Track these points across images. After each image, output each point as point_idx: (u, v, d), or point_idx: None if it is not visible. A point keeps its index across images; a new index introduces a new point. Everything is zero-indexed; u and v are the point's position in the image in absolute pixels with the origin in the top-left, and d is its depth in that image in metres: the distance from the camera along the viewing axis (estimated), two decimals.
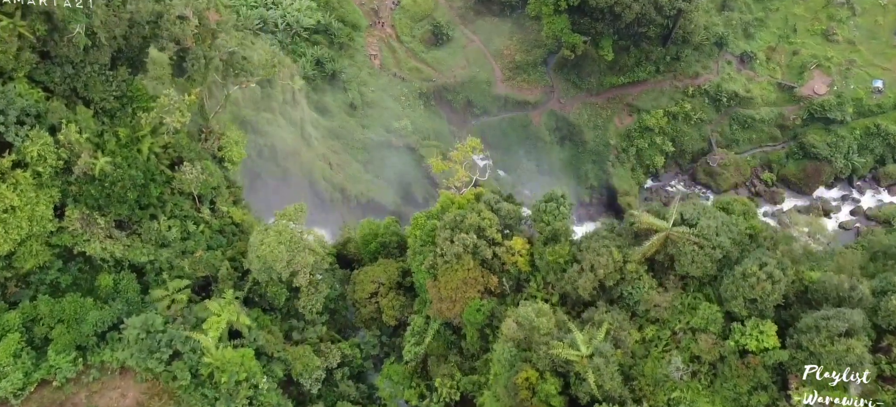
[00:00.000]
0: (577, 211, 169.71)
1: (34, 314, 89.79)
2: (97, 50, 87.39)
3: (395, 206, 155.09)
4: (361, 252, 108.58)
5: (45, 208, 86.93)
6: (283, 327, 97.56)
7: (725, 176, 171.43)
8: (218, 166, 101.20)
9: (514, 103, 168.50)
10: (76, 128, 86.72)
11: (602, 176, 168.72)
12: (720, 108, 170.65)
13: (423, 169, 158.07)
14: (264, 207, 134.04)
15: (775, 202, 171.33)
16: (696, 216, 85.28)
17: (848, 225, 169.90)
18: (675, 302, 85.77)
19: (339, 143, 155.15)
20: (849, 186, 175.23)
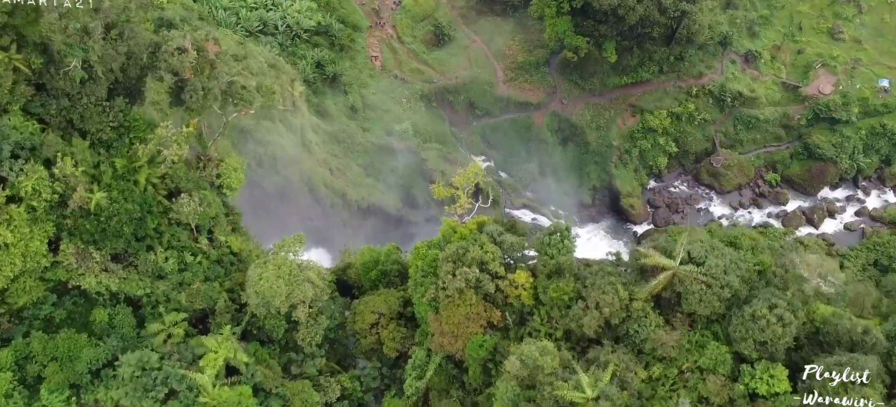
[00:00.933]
0: (579, 212, 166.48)
1: (27, 352, 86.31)
2: (94, 83, 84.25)
3: (397, 209, 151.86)
4: (362, 279, 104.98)
5: (39, 244, 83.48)
6: (282, 360, 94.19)
7: (729, 177, 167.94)
8: (217, 193, 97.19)
9: (517, 104, 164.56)
10: (72, 161, 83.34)
11: (605, 177, 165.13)
12: (724, 108, 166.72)
13: (424, 172, 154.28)
14: (263, 217, 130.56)
15: (779, 203, 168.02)
16: (703, 254, 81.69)
17: (853, 226, 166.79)
18: (683, 341, 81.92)
19: (340, 148, 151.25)
20: (854, 187, 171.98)
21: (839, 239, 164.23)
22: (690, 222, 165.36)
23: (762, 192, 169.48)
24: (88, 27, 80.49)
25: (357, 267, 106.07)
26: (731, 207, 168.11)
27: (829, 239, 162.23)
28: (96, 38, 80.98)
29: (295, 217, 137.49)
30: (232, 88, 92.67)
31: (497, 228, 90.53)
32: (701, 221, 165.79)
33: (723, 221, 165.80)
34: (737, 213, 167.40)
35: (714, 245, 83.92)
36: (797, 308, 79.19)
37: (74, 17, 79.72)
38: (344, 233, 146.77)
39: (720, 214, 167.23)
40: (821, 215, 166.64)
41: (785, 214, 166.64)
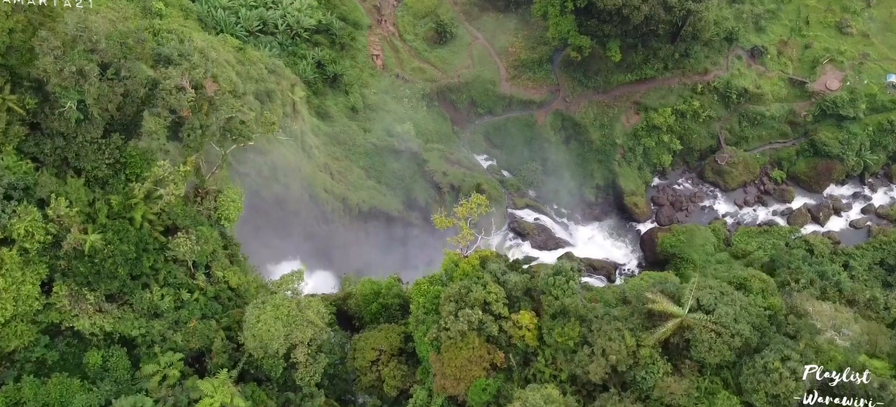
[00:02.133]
0: (581, 210, 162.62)
1: (18, 398, 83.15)
2: (89, 123, 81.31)
3: (398, 211, 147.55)
4: (363, 311, 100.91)
5: (31, 288, 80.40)
6: (280, 400, 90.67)
7: (734, 174, 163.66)
8: (214, 226, 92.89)
9: (519, 103, 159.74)
10: (66, 201, 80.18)
11: (608, 175, 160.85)
12: (729, 105, 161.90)
13: (426, 173, 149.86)
14: (264, 226, 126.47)
15: (785, 201, 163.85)
16: (712, 302, 77.81)
17: (859, 224, 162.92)
18: (691, 389, 77.74)
19: (341, 150, 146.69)
20: (860, 184, 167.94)
21: (845, 237, 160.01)
22: (694, 220, 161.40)
23: (767, 190, 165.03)
24: (84, 70, 77.04)
25: (357, 298, 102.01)
26: (736, 204, 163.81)
27: (835, 237, 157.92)
28: (92, 81, 77.56)
29: (295, 225, 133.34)
30: (230, 124, 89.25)
31: (500, 266, 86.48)
32: (705, 219, 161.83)
33: (727, 219, 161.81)
34: (741, 210, 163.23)
35: (724, 290, 79.84)
36: (811, 360, 74.93)
37: (70, 59, 76.52)
38: (345, 237, 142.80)
39: (724, 212, 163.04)
40: (826, 213, 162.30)
41: (790, 211, 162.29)
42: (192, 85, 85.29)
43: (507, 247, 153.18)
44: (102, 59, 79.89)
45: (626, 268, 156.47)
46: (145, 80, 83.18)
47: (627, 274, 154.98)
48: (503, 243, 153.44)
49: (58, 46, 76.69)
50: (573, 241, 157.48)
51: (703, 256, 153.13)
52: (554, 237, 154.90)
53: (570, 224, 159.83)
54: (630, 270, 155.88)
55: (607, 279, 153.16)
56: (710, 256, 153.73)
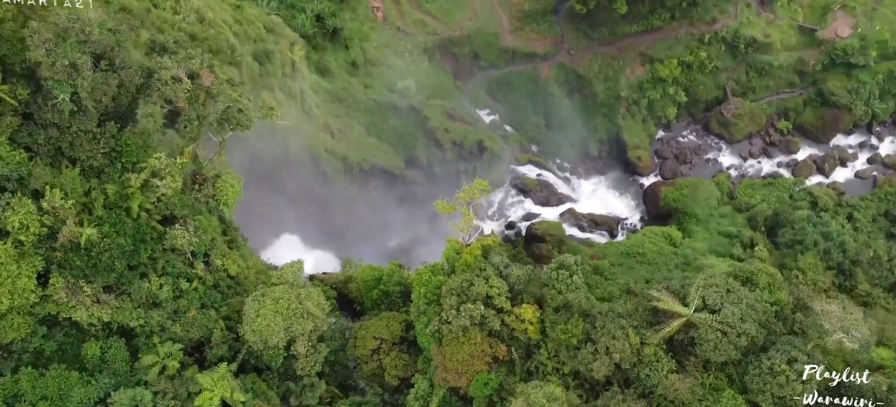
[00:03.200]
0: (584, 164, 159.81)
1: (15, 390, 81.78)
2: (83, 114, 78.23)
3: (399, 169, 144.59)
4: (364, 297, 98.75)
5: (27, 281, 77.98)
6: (280, 389, 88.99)
7: (740, 126, 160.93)
8: (213, 211, 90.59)
9: (523, 55, 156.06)
10: (61, 192, 77.64)
11: (612, 129, 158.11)
12: (737, 55, 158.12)
13: (427, 130, 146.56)
14: (265, 190, 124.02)
15: (790, 152, 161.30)
16: (719, 302, 75.55)
17: (864, 174, 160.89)
18: (696, 387, 75.97)
19: (341, 107, 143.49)
20: (867, 133, 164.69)
21: (850, 188, 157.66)
22: (698, 173, 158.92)
23: (773, 141, 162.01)
24: (77, 63, 73.94)
25: (358, 283, 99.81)
26: (741, 156, 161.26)
27: (839, 188, 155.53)
28: (85, 73, 74.51)
29: (295, 190, 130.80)
30: (228, 113, 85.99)
31: (502, 259, 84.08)
32: (709, 171, 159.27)
33: (731, 171, 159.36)
34: (746, 163, 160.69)
35: (730, 287, 77.61)
36: (818, 361, 72.93)
37: (63, 52, 73.49)
38: (345, 195, 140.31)
39: (729, 164, 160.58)
40: (832, 164, 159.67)
41: (795, 163, 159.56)
42: (188, 75, 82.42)
43: (509, 204, 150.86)
44: (95, 51, 76.84)
45: (629, 222, 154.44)
46: (140, 70, 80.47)
47: (630, 229, 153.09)
48: (505, 200, 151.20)
49: (49, 38, 73.61)
50: (576, 196, 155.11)
51: (707, 210, 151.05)
52: (556, 193, 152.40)
53: (572, 179, 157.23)
54: (632, 225, 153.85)
55: (609, 234, 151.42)
56: (714, 209, 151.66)
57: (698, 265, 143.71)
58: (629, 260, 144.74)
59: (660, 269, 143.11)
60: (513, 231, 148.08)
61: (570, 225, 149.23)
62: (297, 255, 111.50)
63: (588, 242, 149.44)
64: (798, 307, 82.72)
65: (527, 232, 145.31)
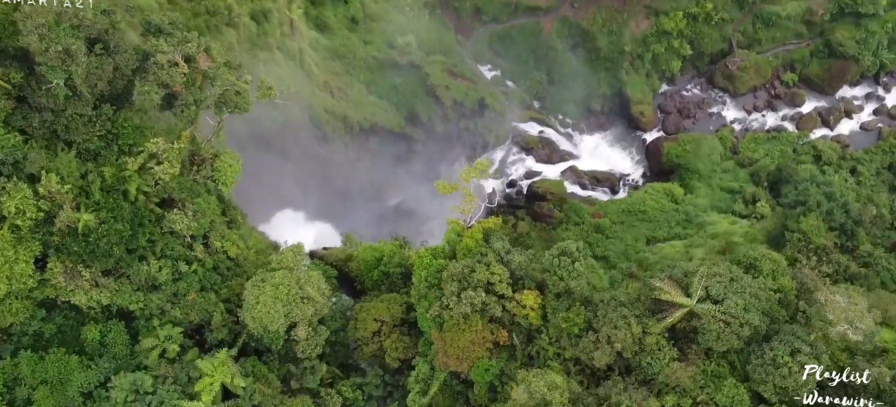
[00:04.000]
0: (587, 120, 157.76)
1: (15, 374, 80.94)
2: (78, 99, 76.62)
3: (400, 127, 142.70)
4: (364, 277, 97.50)
5: (24, 266, 77.03)
6: (281, 371, 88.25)
7: (744, 79, 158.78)
8: (212, 192, 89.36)
9: (525, 9, 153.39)
10: (57, 177, 76.10)
11: (615, 84, 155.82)
12: (744, 6, 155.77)
13: (428, 87, 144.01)
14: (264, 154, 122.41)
15: (795, 105, 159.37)
16: (722, 292, 74.02)
17: (870, 125, 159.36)
18: (698, 375, 75.27)
19: (340, 64, 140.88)
20: (874, 83, 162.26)
21: (855, 140, 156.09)
22: (702, 128, 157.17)
23: (778, 94, 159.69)
24: (71, 49, 72.00)
25: (358, 262, 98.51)
26: (745, 110, 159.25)
27: (844, 141, 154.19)
28: (79, 60, 72.70)
29: (295, 151, 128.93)
30: (226, 96, 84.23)
31: (504, 244, 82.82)
32: (713, 126, 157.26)
33: (735, 125, 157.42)
34: (750, 116, 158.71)
35: (734, 276, 76.25)
36: (821, 353, 72.05)
37: (56, 38, 71.56)
38: (346, 154, 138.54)
39: (733, 118, 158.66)
40: (837, 116, 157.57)
41: (800, 116, 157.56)
42: (184, 58, 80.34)
43: (511, 161, 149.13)
44: (89, 35, 75.09)
45: (631, 179, 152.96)
46: (136, 53, 78.84)
47: (631, 185, 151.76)
48: (506, 158, 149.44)
49: (42, 24, 71.53)
50: (577, 152, 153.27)
51: (709, 166, 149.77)
52: (558, 150, 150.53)
53: (574, 134, 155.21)
54: (634, 181, 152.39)
55: (611, 191, 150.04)
56: (716, 165, 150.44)
57: (700, 222, 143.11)
58: (630, 217, 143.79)
59: (661, 226, 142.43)
60: (514, 189, 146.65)
61: (572, 182, 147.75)
62: (297, 229, 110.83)
63: (589, 199, 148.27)
64: (802, 292, 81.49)
65: (528, 190, 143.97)
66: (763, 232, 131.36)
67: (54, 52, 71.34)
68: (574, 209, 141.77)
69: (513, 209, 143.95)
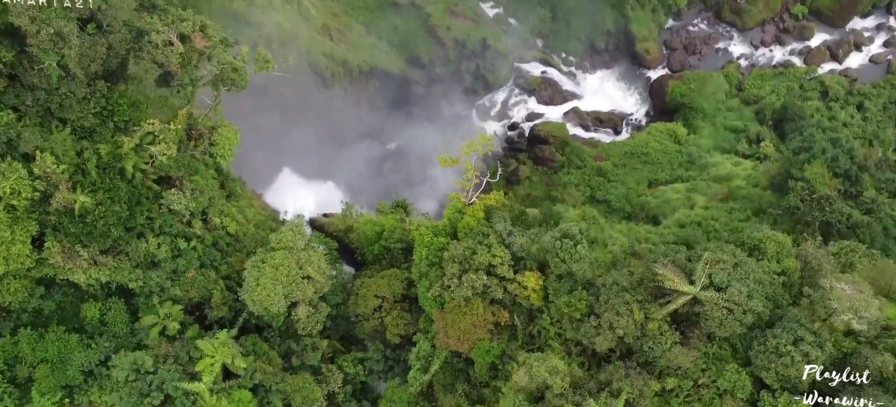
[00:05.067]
0: (591, 58, 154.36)
1: (15, 352, 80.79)
2: (71, 80, 75.00)
3: (401, 70, 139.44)
4: (365, 250, 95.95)
5: (21, 246, 75.93)
6: (282, 348, 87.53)
7: (753, 12, 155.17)
8: (210, 165, 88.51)
9: None
10: (52, 157, 75.04)
11: (620, 20, 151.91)
12: None
13: (429, 28, 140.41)
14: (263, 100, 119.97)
15: (803, 38, 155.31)
16: (725, 279, 72.23)
17: (879, 58, 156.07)
18: (699, 359, 74.53)
19: (339, 5, 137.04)
20: (886, 14, 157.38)
21: (863, 74, 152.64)
22: (708, 64, 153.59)
23: (786, 28, 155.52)
24: (63, 32, 70.13)
25: (359, 235, 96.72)
26: (752, 45, 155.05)
27: (852, 75, 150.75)
28: (72, 42, 70.85)
29: (294, 99, 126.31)
30: (223, 74, 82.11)
31: (506, 226, 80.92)
32: (719, 62, 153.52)
33: (742, 61, 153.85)
34: (757, 51, 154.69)
35: (738, 260, 74.53)
36: (824, 341, 70.85)
37: (47, 20, 69.73)
38: (345, 99, 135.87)
39: (740, 54, 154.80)
40: (846, 49, 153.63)
41: (808, 50, 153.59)
42: (179, 38, 78.30)
43: (512, 104, 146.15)
44: (82, 15, 72.85)
45: (634, 118, 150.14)
46: (130, 32, 76.94)
47: (635, 125, 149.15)
48: (508, 100, 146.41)
49: (33, 6, 69.37)
50: (580, 92, 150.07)
51: (714, 105, 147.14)
52: (561, 91, 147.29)
53: (578, 74, 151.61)
54: (638, 121, 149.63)
55: (614, 132, 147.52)
56: (721, 103, 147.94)
57: (702, 163, 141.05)
58: (632, 160, 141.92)
59: (663, 168, 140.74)
60: (516, 132, 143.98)
61: (574, 124, 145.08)
62: (297, 192, 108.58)
63: (592, 141, 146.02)
64: (806, 273, 79.97)
65: (530, 133, 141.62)
66: (766, 176, 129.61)
67: (46, 35, 69.40)
68: (576, 152, 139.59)
69: (514, 152, 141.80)
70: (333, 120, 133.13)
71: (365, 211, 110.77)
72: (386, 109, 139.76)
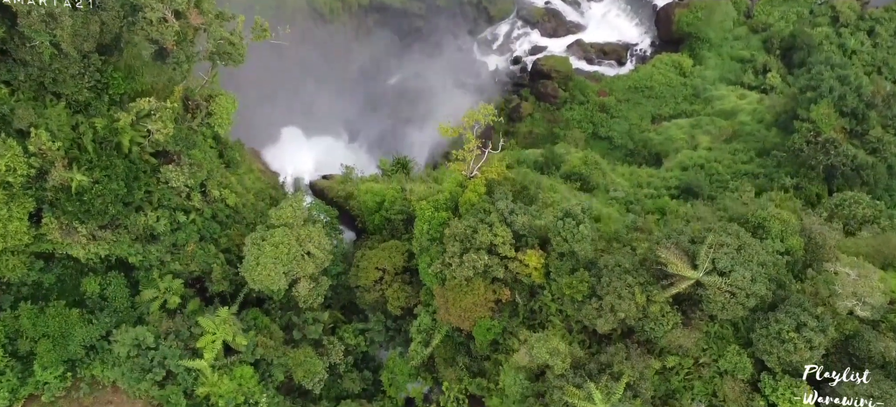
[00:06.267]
0: None
1: (16, 326, 79.85)
2: (65, 57, 73.28)
3: (401, 3, 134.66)
4: (365, 219, 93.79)
5: (18, 223, 74.53)
6: (283, 320, 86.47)
7: None
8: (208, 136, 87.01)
9: None
10: (47, 133, 72.93)
11: None
12: None
13: None
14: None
15: None
16: (729, 264, 70.33)
17: None
18: (701, 340, 73.61)
19: None
20: None
21: None
22: None
23: None
24: (54, 12, 68.53)
25: (360, 202, 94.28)
26: None
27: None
28: (64, 23, 69.14)
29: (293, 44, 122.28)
30: (220, 48, 79.65)
31: (508, 204, 78.55)
32: None
33: None
34: None
35: (743, 242, 72.08)
36: (827, 326, 69.66)
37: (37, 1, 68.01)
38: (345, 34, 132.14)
39: None
40: None
41: None
42: (174, 14, 75.60)
43: (515, 37, 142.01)
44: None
45: (639, 48, 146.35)
46: (124, 6, 74.47)
47: (639, 56, 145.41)
48: (511, 33, 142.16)
49: None
50: (585, 22, 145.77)
51: (721, 34, 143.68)
52: (565, 22, 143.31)
53: (582, 2, 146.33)
54: (642, 51, 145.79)
55: (618, 63, 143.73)
56: (728, 32, 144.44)
57: (707, 97, 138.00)
58: (636, 94, 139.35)
59: (667, 102, 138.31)
60: (518, 66, 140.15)
61: (578, 58, 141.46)
62: (296, 151, 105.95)
63: (595, 75, 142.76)
64: (810, 248, 78.19)
65: (532, 68, 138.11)
66: (772, 112, 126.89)
67: (37, 16, 67.54)
68: (579, 87, 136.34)
69: (517, 88, 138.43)
70: (333, 57, 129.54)
71: (364, 170, 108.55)
72: (385, 45, 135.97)
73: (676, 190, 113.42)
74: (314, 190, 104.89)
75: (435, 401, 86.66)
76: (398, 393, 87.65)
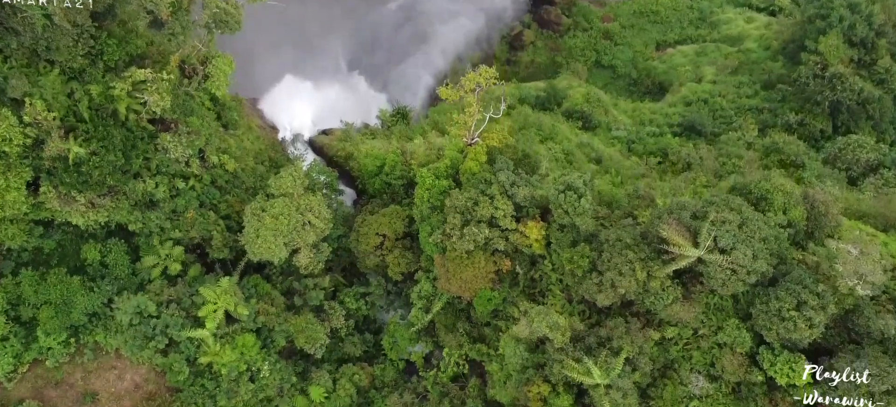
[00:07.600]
0: None
1: (17, 293, 78.84)
2: (57, 29, 70.80)
3: None
4: (366, 183, 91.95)
5: (16, 193, 73.66)
6: (283, 285, 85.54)
7: None
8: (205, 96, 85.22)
9: None
10: (42, 102, 71.52)
11: None
12: None
13: None
14: None
15: None
16: (731, 242, 68.83)
17: None
18: (700, 313, 72.91)
19: None
20: None
21: None
22: None
23: None
24: None
25: (360, 164, 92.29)
26: None
27: None
28: None
29: None
30: (216, 17, 77.91)
31: (509, 175, 76.63)
32: None
33: None
34: None
35: (745, 218, 70.52)
36: (828, 304, 68.68)
37: None
38: None
39: None
40: None
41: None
42: None
43: None
44: None
45: None
46: None
47: None
48: None
49: None
50: None
51: None
52: None
53: None
54: None
55: None
56: None
57: (714, 21, 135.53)
58: (641, 20, 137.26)
59: (672, 27, 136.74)
60: None
61: None
62: (297, 98, 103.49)
63: (599, 0, 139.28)
64: (812, 217, 76.73)
65: None
66: (779, 38, 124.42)
67: None
68: (583, 13, 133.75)
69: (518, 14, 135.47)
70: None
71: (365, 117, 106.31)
72: None
73: (679, 127, 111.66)
74: (313, 147, 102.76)
75: (436, 364, 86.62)
76: (399, 356, 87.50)
